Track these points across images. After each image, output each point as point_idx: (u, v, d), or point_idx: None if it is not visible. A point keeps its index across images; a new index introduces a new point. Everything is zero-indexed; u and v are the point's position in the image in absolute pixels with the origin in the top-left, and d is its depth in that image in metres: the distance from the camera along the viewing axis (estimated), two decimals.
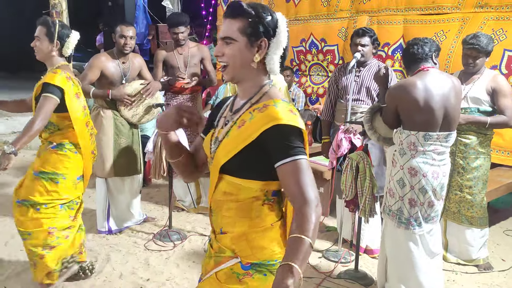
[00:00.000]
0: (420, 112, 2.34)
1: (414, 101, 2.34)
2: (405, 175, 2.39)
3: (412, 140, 2.37)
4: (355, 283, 2.91)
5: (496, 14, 4.16)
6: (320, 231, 3.70)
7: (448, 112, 2.38)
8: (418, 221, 2.41)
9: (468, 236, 3.12)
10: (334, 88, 3.41)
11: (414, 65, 2.50)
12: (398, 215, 2.43)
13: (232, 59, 1.32)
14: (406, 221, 2.41)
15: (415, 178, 2.37)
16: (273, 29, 1.33)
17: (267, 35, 1.32)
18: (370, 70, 3.25)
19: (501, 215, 4.18)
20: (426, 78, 2.39)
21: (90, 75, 3.38)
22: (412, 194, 2.38)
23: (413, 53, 2.50)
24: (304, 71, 5.99)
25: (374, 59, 3.30)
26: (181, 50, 3.98)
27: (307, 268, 3.10)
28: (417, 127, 2.36)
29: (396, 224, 2.44)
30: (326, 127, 3.51)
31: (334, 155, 3.05)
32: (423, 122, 2.35)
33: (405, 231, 2.42)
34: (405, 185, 2.39)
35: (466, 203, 3.07)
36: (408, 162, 2.39)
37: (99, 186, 3.55)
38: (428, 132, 2.34)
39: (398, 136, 2.44)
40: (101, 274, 2.96)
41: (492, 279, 3.03)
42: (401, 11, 4.83)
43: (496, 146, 3.78)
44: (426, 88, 2.35)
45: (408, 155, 2.39)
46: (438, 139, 2.36)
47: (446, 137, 2.38)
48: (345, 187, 2.79)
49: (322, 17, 5.59)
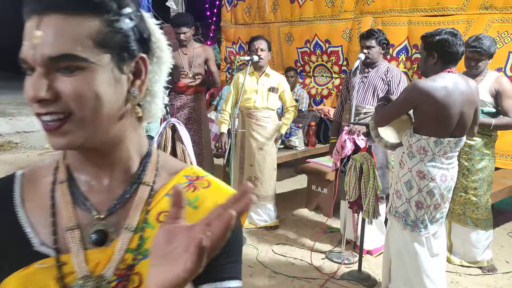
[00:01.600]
0: (438, 119, 2.26)
1: (437, 108, 2.23)
2: (413, 178, 2.36)
3: (422, 145, 2.32)
4: (359, 284, 2.91)
5: (501, 16, 4.14)
6: (324, 232, 3.70)
7: (464, 119, 2.31)
8: (424, 224, 2.39)
9: (473, 238, 3.11)
10: (345, 91, 3.47)
11: (445, 66, 2.30)
12: (404, 217, 2.42)
13: (81, 104, 0.62)
14: (412, 223, 2.40)
15: (424, 181, 2.34)
16: (148, 37, 0.70)
17: (144, 48, 0.69)
18: (378, 71, 3.25)
19: (505, 217, 4.16)
20: (451, 83, 2.25)
21: None
22: (419, 197, 2.36)
23: (451, 53, 2.25)
24: (308, 72, 5.99)
25: (384, 61, 3.29)
26: (185, 50, 3.99)
27: (310, 269, 3.10)
28: (431, 133, 2.29)
29: (402, 226, 2.43)
30: (335, 128, 3.55)
31: (338, 156, 3.05)
32: (438, 129, 2.28)
33: (411, 233, 2.41)
34: (413, 188, 2.37)
35: (471, 205, 3.06)
36: (417, 165, 2.35)
37: None
38: (439, 139, 2.28)
39: (407, 139, 2.38)
40: None
41: (496, 281, 3.02)
42: (406, 12, 4.83)
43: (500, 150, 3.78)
44: (450, 94, 2.23)
45: (417, 158, 2.35)
46: (448, 145, 2.31)
47: (456, 142, 2.33)
48: (348, 188, 2.79)
49: (326, 18, 5.60)
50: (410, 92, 2.33)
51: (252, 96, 3.65)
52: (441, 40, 2.25)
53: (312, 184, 4.21)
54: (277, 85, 3.70)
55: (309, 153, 4.87)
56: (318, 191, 4.16)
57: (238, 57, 5.31)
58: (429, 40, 2.29)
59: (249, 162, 3.73)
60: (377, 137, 2.58)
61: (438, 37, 2.26)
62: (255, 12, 6.39)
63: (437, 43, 2.27)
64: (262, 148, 3.68)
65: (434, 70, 2.32)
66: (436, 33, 2.29)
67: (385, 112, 2.47)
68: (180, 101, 4.01)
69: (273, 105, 3.70)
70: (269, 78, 3.68)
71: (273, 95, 3.69)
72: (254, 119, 3.67)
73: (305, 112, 5.31)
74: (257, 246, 3.45)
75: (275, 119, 3.74)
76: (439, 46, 2.26)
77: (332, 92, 5.61)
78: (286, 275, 3.01)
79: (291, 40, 6.01)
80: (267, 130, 3.68)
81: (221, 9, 6.94)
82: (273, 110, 3.71)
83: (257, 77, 3.68)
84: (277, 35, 6.11)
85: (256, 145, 3.67)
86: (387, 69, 3.24)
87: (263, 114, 3.67)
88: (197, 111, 4.05)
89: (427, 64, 2.34)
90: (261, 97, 3.65)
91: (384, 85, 3.22)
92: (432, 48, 2.29)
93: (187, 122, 4.00)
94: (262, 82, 3.67)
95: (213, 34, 7.98)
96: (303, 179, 4.88)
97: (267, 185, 3.73)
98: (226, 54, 6.97)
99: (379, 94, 3.23)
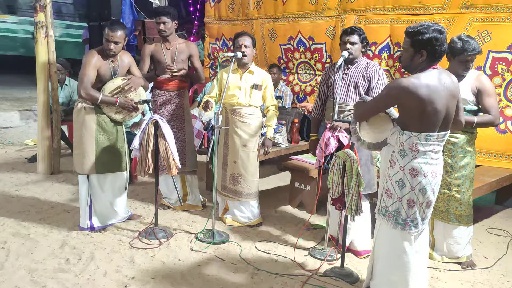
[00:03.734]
0: (425, 115, 2.28)
1: (423, 105, 2.25)
2: (406, 176, 2.37)
3: (414, 142, 2.32)
4: (341, 281, 2.92)
5: (481, 15, 4.22)
6: (307, 229, 3.72)
7: (448, 112, 2.35)
8: (415, 222, 2.40)
9: (455, 234, 3.16)
10: (324, 86, 3.44)
11: (432, 63, 2.31)
12: (395, 216, 2.42)
13: None
14: (403, 222, 2.41)
15: (416, 178, 2.35)
16: None
17: None
18: (358, 68, 3.26)
19: (483, 213, 4.25)
20: (435, 79, 2.27)
21: (90, 75, 3.31)
22: (411, 195, 2.37)
23: (440, 51, 2.27)
24: (292, 69, 6.00)
25: (363, 58, 3.31)
26: (168, 45, 3.93)
27: (293, 266, 3.11)
28: (420, 129, 2.31)
29: (393, 225, 2.43)
30: (315, 124, 3.54)
31: (321, 154, 3.05)
32: (427, 124, 2.30)
33: (401, 232, 2.42)
34: (405, 186, 2.37)
35: (455, 202, 3.11)
36: (409, 163, 2.35)
37: (81, 183, 3.50)
38: (429, 133, 2.31)
39: (397, 137, 2.38)
40: (85, 272, 2.92)
41: (475, 277, 3.07)
42: (388, 10, 4.88)
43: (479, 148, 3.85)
44: (435, 90, 2.25)
45: (409, 156, 2.35)
46: (437, 139, 2.34)
47: (443, 136, 2.37)
48: (331, 185, 2.80)
49: (310, 15, 5.60)
50: (392, 89, 2.34)
51: (236, 93, 3.63)
52: (431, 39, 2.24)
53: (296, 181, 4.22)
54: (261, 82, 3.68)
55: (293, 150, 4.88)
56: (301, 188, 4.17)
57: (221, 53, 5.28)
58: (418, 38, 2.27)
59: (232, 159, 3.71)
60: (358, 140, 2.59)
61: (427, 35, 2.25)
62: (238, 8, 6.36)
63: (427, 42, 2.26)
64: (245, 145, 3.66)
65: (420, 67, 2.32)
66: (424, 30, 2.26)
67: (366, 107, 2.49)
68: (163, 97, 3.97)
69: (256, 102, 3.68)
70: (253, 75, 3.66)
71: (256, 92, 3.67)
72: (237, 116, 3.65)
73: (288, 109, 5.31)
74: (240, 243, 3.44)
75: (259, 116, 3.72)
76: (429, 44, 2.25)
77: (315, 89, 5.63)
78: (269, 272, 3.01)
79: (275, 36, 6.00)
80: (251, 127, 3.66)
81: (205, 4, 6.89)
82: (256, 107, 3.69)
83: (241, 74, 3.66)
84: (261, 31, 6.10)
85: (239, 142, 3.66)
86: (367, 65, 3.26)
87: (247, 111, 3.65)
88: (180, 107, 4.01)
89: (414, 61, 2.33)
90: (244, 94, 3.63)
91: (365, 82, 3.24)
92: (421, 46, 2.28)
93: (170, 119, 3.96)
94: (246, 79, 3.65)
95: (196, 30, 7.92)
96: (287, 176, 4.89)
97: (250, 182, 3.71)
98: (209, 50, 6.93)
99: (361, 90, 3.24)
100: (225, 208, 3.88)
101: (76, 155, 3.50)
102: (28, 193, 4.41)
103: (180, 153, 4.01)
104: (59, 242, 3.34)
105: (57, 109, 5.08)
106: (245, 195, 3.73)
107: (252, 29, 6.14)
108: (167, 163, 3.36)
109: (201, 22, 7.34)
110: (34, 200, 4.21)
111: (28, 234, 3.47)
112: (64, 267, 2.98)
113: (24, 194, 4.37)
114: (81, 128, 3.43)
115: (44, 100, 4.97)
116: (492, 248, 3.54)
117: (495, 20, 4.18)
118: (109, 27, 3.34)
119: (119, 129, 3.57)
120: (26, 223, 3.65)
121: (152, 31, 7.22)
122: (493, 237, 3.76)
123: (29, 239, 3.38)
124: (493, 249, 3.53)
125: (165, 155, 3.36)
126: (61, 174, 5.07)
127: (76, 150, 3.51)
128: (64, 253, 3.18)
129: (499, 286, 2.97)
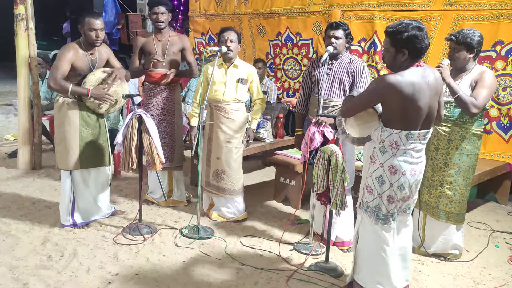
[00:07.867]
0: (407, 113, 2.29)
1: (406, 103, 2.25)
2: (385, 173, 2.38)
3: (394, 139, 2.34)
4: (326, 275, 2.94)
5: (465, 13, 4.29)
6: (292, 223, 3.73)
7: (431, 110, 2.36)
8: (394, 217, 2.44)
9: (445, 231, 3.18)
10: (307, 81, 3.42)
11: (414, 60, 2.32)
12: (376, 211, 2.45)
13: None
14: (384, 217, 2.43)
15: (395, 176, 2.37)
16: None
17: None
18: (342, 63, 3.27)
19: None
20: (419, 77, 2.27)
21: (63, 68, 3.24)
22: (390, 192, 2.39)
23: (421, 48, 2.27)
24: (278, 65, 6.00)
25: (346, 53, 3.32)
26: (160, 36, 3.86)
27: (278, 261, 3.11)
28: (402, 126, 2.32)
29: (374, 221, 2.46)
30: (299, 119, 3.53)
31: (306, 149, 3.05)
32: (409, 122, 2.31)
33: (383, 226, 2.45)
34: (385, 183, 2.39)
35: (446, 198, 3.12)
36: (389, 160, 2.37)
37: (63, 180, 3.44)
38: (411, 132, 2.32)
39: (379, 133, 2.40)
40: (67, 269, 2.87)
41: (457, 269, 3.12)
42: (373, 6, 4.90)
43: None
44: (418, 88, 2.26)
45: (389, 153, 2.37)
46: (418, 138, 2.35)
47: (425, 135, 2.38)
48: (316, 180, 2.80)
49: (296, 10, 5.60)
50: (377, 85, 2.35)
51: (221, 88, 3.60)
52: (411, 37, 2.25)
53: (281, 176, 4.22)
54: (247, 76, 3.66)
55: (278, 145, 4.88)
56: (286, 183, 4.18)
57: (207, 48, 5.24)
58: (398, 37, 2.28)
59: (216, 155, 3.68)
60: (343, 133, 2.60)
61: (406, 33, 2.25)
62: (225, 3, 6.31)
63: (407, 40, 2.26)
64: (229, 141, 3.64)
65: (403, 66, 2.33)
66: (403, 28, 2.26)
67: (352, 103, 2.50)
68: (154, 92, 3.91)
69: (242, 96, 3.66)
70: (238, 69, 3.64)
71: (242, 86, 3.65)
72: (222, 111, 3.63)
73: (273, 104, 5.31)
74: (225, 238, 3.43)
75: (244, 112, 3.71)
76: (409, 42, 2.26)
77: None
78: (254, 267, 3.01)
79: (264, 32, 5.98)
80: (235, 123, 3.64)
81: None
82: (242, 102, 3.67)
83: (226, 69, 3.63)
84: (249, 27, 6.07)
85: (224, 137, 3.64)
86: (350, 60, 3.26)
87: (232, 107, 3.63)
88: (171, 102, 3.95)
89: (396, 60, 2.34)
90: (230, 89, 3.61)
91: (348, 77, 3.24)
92: (402, 45, 2.29)
93: (160, 113, 3.90)
94: (231, 73, 3.62)
95: (180, 24, 7.84)
96: (272, 171, 4.89)
97: (234, 179, 3.69)
98: (194, 45, 6.87)
99: (346, 86, 3.25)
100: (211, 203, 3.86)
101: (59, 151, 3.43)
102: (8, 189, 4.33)
103: (169, 148, 3.97)
104: (41, 239, 3.28)
105: (38, 103, 4.98)
106: (229, 191, 3.71)
107: (240, 24, 6.11)
108: (151, 158, 3.32)
109: (185, 16, 7.27)
110: (15, 196, 4.13)
111: (9, 230, 3.40)
112: (46, 264, 2.93)
113: (4, 190, 4.28)
114: (63, 123, 3.36)
115: (24, 94, 4.87)
116: (473, 242, 3.60)
117: (479, 19, 4.24)
118: (90, 16, 3.27)
119: (101, 122, 3.52)
120: (6, 220, 3.58)
121: (135, 24, 7.14)
122: (474, 231, 3.83)
123: (10, 235, 3.32)
124: (474, 242, 3.59)
125: (149, 150, 3.32)
126: (43, 170, 4.98)
127: (58, 146, 3.44)
128: (46, 249, 3.13)
129: (480, 278, 3.02)
